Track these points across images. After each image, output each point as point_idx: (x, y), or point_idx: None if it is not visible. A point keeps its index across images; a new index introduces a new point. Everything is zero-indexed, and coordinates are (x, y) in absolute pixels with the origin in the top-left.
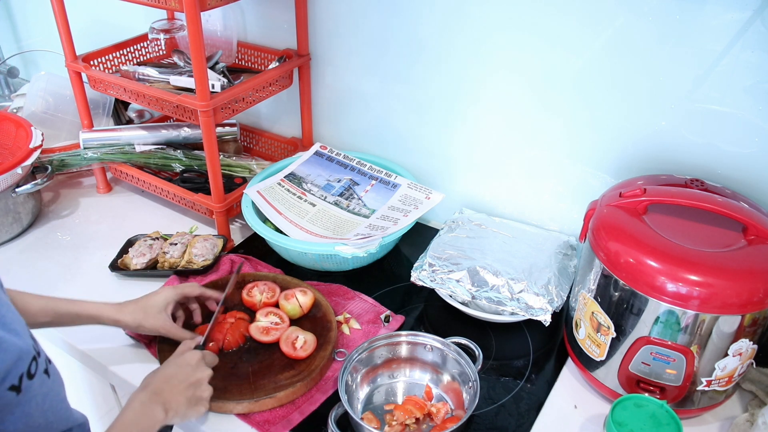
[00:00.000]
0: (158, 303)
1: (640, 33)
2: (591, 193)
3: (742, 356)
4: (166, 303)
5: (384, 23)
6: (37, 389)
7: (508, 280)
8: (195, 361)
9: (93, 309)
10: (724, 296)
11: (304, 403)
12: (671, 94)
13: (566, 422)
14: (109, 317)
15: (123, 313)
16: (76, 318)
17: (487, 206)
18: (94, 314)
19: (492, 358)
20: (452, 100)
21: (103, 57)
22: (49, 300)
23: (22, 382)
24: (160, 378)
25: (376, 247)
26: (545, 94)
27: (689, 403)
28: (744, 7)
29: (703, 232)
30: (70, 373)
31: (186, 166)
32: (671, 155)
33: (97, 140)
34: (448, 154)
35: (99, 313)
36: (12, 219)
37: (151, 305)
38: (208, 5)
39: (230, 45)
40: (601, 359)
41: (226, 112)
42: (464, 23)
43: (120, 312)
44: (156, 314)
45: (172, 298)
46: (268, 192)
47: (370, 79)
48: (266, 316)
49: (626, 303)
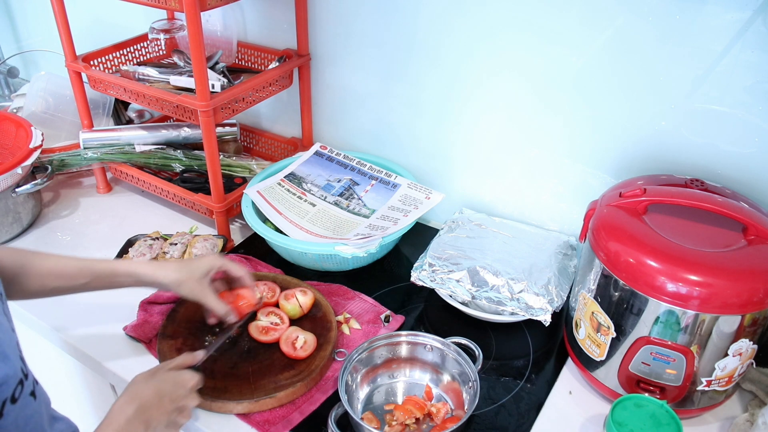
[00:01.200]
0: (202, 267)
1: (640, 33)
2: (591, 193)
3: (742, 356)
4: (210, 269)
5: (384, 23)
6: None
7: (508, 280)
8: (191, 385)
9: (132, 267)
10: (724, 296)
11: (304, 403)
12: (671, 94)
13: (566, 422)
14: (147, 274)
15: (164, 269)
16: (114, 277)
17: (487, 206)
18: (132, 272)
19: (492, 358)
20: (452, 100)
21: (103, 57)
22: (86, 261)
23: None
24: (152, 392)
25: (376, 247)
26: (545, 94)
27: (689, 403)
28: (744, 7)
29: (703, 232)
30: (70, 373)
31: (186, 166)
32: (671, 155)
33: (97, 140)
34: (448, 154)
35: (137, 271)
36: (12, 219)
37: (196, 267)
38: (208, 5)
39: (230, 45)
40: (601, 359)
41: (226, 112)
42: (465, 23)
43: (161, 268)
44: (199, 278)
45: (216, 266)
46: (268, 192)
47: (370, 79)
48: (266, 316)
49: (626, 303)
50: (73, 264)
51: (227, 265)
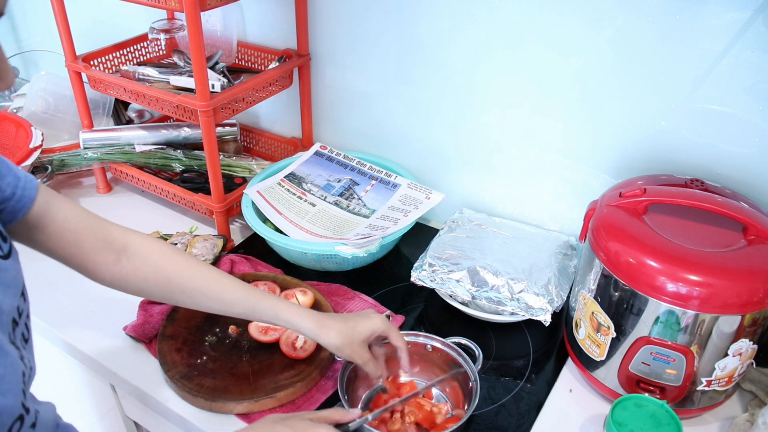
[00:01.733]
0: (365, 332)
1: (640, 33)
2: (591, 193)
3: (742, 356)
4: (372, 333)
5: (384, 23)
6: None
7: (508, 280)
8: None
9: (295, 318)
10: (724, 296)
11: (304, 403)
12: (671, 94)
13: (566, 422)
14: (309, 329)
15: (326, 331)
16: (274, 319)
17: (487, 206)
18: (294, 323)
19: (492, 358)
20: (452, 99)
21: (103, 57)
22: (249, 293)
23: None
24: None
25: (376, 247)
26: (545, 94)
27: (689, 403)
28: (744, 7)
29: (703, 232)
30: (70, 374)
31: (186, 166)
32: (671, 155)
33: (97, 140)
34: (448, 154)
35: (300, 324)
36: None
37: (359, 332)
38: (208, 5)
39: (230, 45)
40: (601, 359)
41: (226, 112)
42: (465, 23)
43: (322, 330)
44: (360, 344)
45: (379, 331)
46: (268, 192)
47: (370, 78)
48: None
49: (626, 303)
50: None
51: (390, 332)
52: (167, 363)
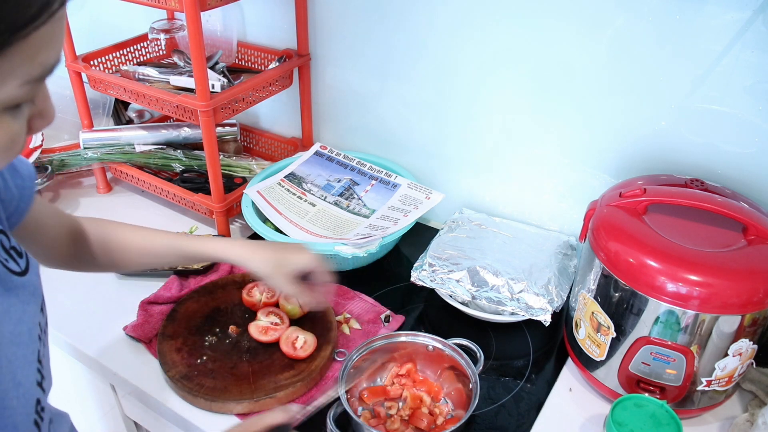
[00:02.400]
0: (296, 265)
1: (640, 33)
2: (591, 193)
3: (742, 356)
4: (303, 268)
5: (384, 23)
6: None
7: (508, 280)
8: None
9: (221, 249)
10: (724, 296)
11: (304, 403)
12: (671, 94)
13: (566, 422)
14: (238, 257)
15: (256, 258)
16: (203, 258)
17: (487, 206)
18: (223, 257)
19: (492, 358)
20: (452, 99)
21: (103, 57)
22: (174, 239)
23: None
24: None
25: (376, 247)
26: (545, 94)
27: (689, 403)
28: (744, 7)
29: (703, 232)
30: (71, 374)
31: (186, 166)
32: (671, 155)
33: (97, 140)
34: (449, 154)
35: (228, 254)
36: None
37: (289, 263)
38: (208, 5)
39: (230, 45)
40: (601, 359)
41: (226, 112)
42: (465, 23)
43: (253, 256)
44: (288, 274)
45: (310, 267)
46: (268, 192)
47: (370, 79)
48: (267, 316)
49: (626, 303)
50: (162, 242)
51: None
52: (167, 363)
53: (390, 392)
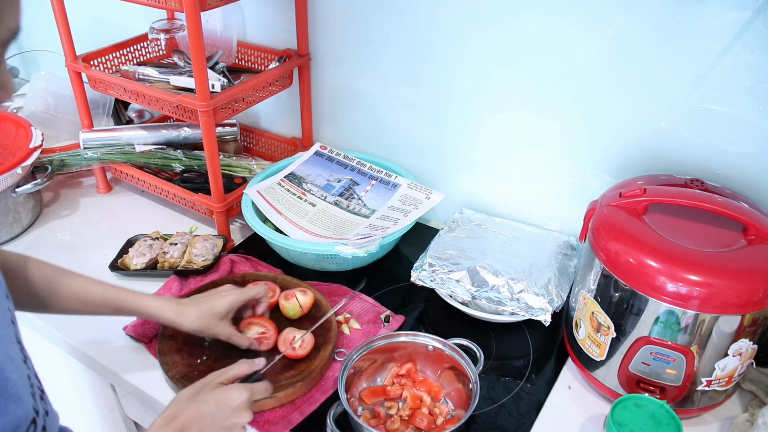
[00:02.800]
0: (221, 309)
1: (640, 33)
2: (591, 193)
3: (742, 356)
4: (230, 309)
5: (384, 23)
6: None
7: (508, 280)
8: (238, 403)
9: (154, 308)
10: (724, 296)
11: (304, 403)
12: (671, 94)
13: (566, 422)
14: (170, 320)
15: (184, 317)
16: (136, 314)
17: (487, 206)
18: (154, 315)
19: (492, 358)
20: (452, 99)
21: (103, 57)
22: (111, 291)
23: None
24: (192, 413)
25: (376, 247)
26: (545, 94)
27: (689, 403)
28: (744, 7)
29: (703, 232)
30: (71, 374)
31: (186, 166)
32: (671, 155)
33: (97, 140)
34: (448, 154)
35: (159, 314)
36: (12, 219)
37: (215, 312)
38: (208, 5)
39: (230, 45)
40: (601, 359)
41: (226, 112)
42: (465, 24)
43: (181, 315)
44: (218, 321)
45: (236, 305)
46: (268, 192)
47: (370, 79)
48: (249, 329)
49: (626, 303)
50: (98, 293)
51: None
52: (167, 363)
53: (390, 392)
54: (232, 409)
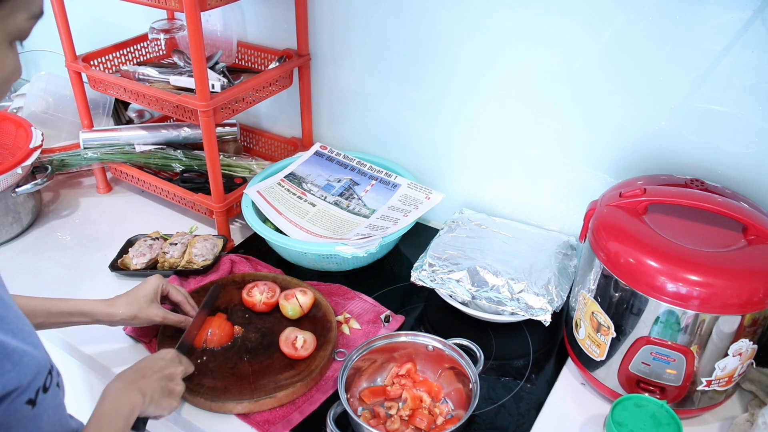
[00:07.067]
0: (148, 292)
1: (639, 33)
2: (591, 193)
3: (742, 356)
4: (156, 291)
5: (384, 23)
6: (50, 402)
7: (508, 280)
8: (170, 356)
9: (84, 306)
10: (724, 296)
11: (304, 403)
12: (671, 94)
13: (566, 422)
14: (101, 312)
15: (116, 306)
16: (69, 316)
17: (487, 206)
18: (86, 311)
19: (492, 358)
20: (452, 99)
21: (103, 57)
22: (39, 301)
23: (38, 395)
24: (133, 369)
25: (376, 247)
26: (546, 94)
27: (689, 403)
28: (744, 7)
29: (703, 232)
30: (70, 374)
31: (186, 166)
32: (671, 155)
33: (97, 140)
34: (449, 154)
35: (90, 310)
36: (12, 219)
37: (143, 295)
38: (208, 5)
39: (230, 45)
40: (601, 359)
41: (226, 112)
42: (465, 24)
43: (112, 306)
44: (149, 303)
45: (160, 285)
46: (268, 192)
47: (370, 78)
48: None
49: (626, 303)
50: (26, 303)
51: (168, 288)
52: None
53: (390, 392)
54: (166, 360)
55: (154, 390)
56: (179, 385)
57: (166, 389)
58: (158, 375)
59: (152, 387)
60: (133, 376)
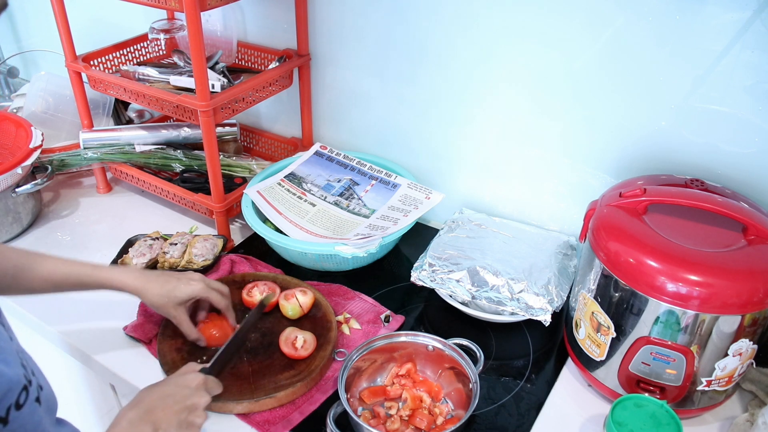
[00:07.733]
0: (182, 296)
1: (639, 33)
2: (591, 193)
3: (742, 356)
4: (190, 298)
5: (384, 23)
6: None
7: (508, 280)
8: (195, 384)
9: (117, 280)
10: (724, 296)
11: (304, 403)
12: (671, 94)
13: (566, 422)
14: (133, 289)
15: (147, 291)
16: (101, 286)
17: (487, 206)
18: (117, 286)
19: (492, 358)
20: (452, 99)
21: (103, 57)
22: (75, 268)
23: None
24: (155, 395)
25: (376, 247)
26: (545, 94)
27: (689, 403)
28: (744, 7)
29: (703, 232)
30: (70, 374)
31: (186, 166)
32: (671, 155)
33: (97, 140)
34: (448, 154)
35: (123, 287)
36: (12, 219)
37: (177, 295)
38: (208, 5)
39: (230, 45)
40: (601, 359)
41: (226, 112)
42: (466, 23)
43: (144, 288)
44: (176, 306)
45: (198, 296)
46: (268, 192)
47: (370, 78)
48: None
49: (626, 303)
50: (62, 270)
51: (210, 297)
52: (167, 363)
53: (390, 392)
54: (191, 389)
55: (170, 423)
56: (200, 417)
57: (184, 423)
58: (179, 407)
59: (169, 420)
60: (153, 403)
